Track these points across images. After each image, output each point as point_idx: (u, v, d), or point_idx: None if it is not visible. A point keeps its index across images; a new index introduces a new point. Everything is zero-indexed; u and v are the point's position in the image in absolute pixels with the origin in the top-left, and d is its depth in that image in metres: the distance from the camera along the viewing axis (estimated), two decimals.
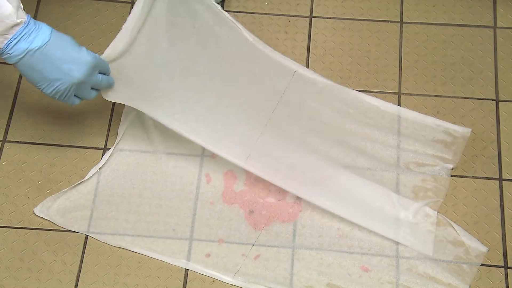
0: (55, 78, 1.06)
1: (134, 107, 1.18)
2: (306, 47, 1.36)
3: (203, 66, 1.25)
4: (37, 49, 1.03)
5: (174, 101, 1.21)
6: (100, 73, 1.11)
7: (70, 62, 1.06)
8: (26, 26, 1.02)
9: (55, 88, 1.07)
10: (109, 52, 1.13)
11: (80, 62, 1.06)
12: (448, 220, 1.20)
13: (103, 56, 1.12)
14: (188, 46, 1.24)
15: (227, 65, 1.27)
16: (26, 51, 1.02)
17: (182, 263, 1.18)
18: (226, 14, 1.26)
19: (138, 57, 1.17)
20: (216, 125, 1.23)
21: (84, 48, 1.08)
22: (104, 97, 1.15)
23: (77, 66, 1.06)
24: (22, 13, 1.02)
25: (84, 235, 1.20)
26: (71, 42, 1.07)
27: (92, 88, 1.12)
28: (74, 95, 1.11)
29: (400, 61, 1.34)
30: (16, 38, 1.02)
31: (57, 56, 1.05)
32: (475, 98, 1.31)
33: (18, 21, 1.01)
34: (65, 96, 1.09)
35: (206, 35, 1.26)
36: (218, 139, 1.22)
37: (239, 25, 1.28)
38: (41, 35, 1.03)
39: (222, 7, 1.39)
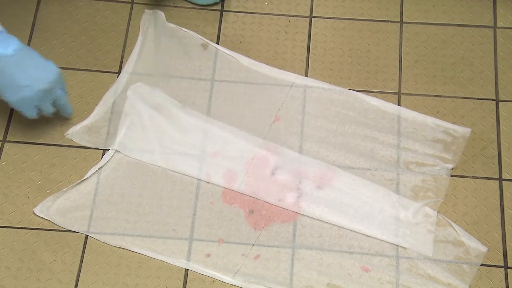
0: (25, 84, 1.12)
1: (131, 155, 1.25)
2: (306, 47, 1.36)
3: (198, 97, 1.29)
4: (11, 55, 1.09)
5: (172, 137, 1.26)
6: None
7: (40, 69, 1.13)
8: (1, 33, 1.08)
9: (22, 95, 1.13)
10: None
11: (49, 70, 1.14)
12: (448, 220, 1.20)
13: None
14: (182, 82, 1.30)
15: (221, 93, 1.30)
16: (4, 56, 1.08)
17: (182, 263, 1.18)
18: (217, 46, 1.33)
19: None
20: (212, 149, 1.25)
21: (49, 60, 1.16)
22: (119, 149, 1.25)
23: (47, 73, 1.14)
24: None
25: (84, 235, 1.20)
26: (38, 53, 1.14)
27: (52, 103, 1.18)
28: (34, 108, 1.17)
29: (400, 61, 1.34)
30: None
31: (28, 63, 1.12)
32: (475, 98, 1.31)
33: None
34: (29, 104, 1.14)
35: (198, 70, 1.31)
36: (216, 163, 1.24)
37: (229, 51, 1.33)
38: (13, 43, 1.10)
39: (222, 7, 1.39)
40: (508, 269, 1.17)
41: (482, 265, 1.17)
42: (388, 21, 1.38)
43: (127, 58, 1.33)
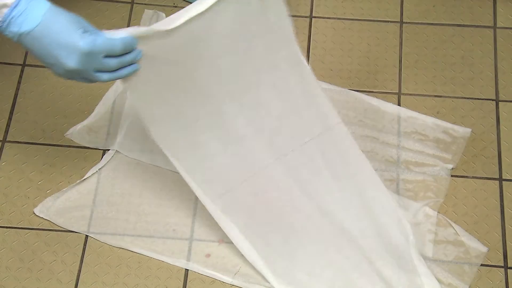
0: (51, 63, 0.96)
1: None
2: (306, 47, 1.36)
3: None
4: (27, 33, 0.94)
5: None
6: (111, 56, 0.97)
7: (60, 48, 0.94)
8: (14, 8, 0.93)
9: (54, 71, 0.98)
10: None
11: (70, 50, 0.94)
12: (448, 220, 1.20)
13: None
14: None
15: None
16: (18, 35, 0.94)
17: (182, 263, 1.18)
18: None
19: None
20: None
21: (79, 32, 0.94)
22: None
23: (67, 53, 0.94)
24: None
25: (84, 235, 1.20)
26: (66, 24, 0.95)
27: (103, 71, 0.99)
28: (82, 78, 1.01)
29: (400, 61, 1.34)
30: (5, 21, 0.93)
31: (47, 41, 0.94)
32: (475, 98, 1.31)
33: (7, 2, 0.92)
34: (70, 78, 0.99)
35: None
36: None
37: None
38: (30, 18, 0.93)
39: None
40: (508, 269, 1.17)
41: (482, 265, 1.17)
42: (388, 21, 1.38)
43: None
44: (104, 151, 1.27)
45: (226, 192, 1.16)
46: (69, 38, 0.94)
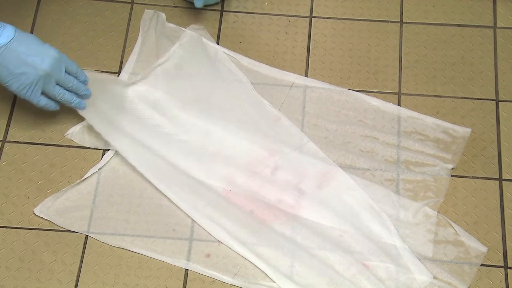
0: (21, 72, 1.12)
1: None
2: (306, 47, 1.36)
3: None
4: (2, 46, 1.10)
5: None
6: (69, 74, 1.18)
7: (34, 55, 1.13)
8: None
9: (21, 83, 1.13)
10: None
11: (44, 55, 1.14)
12: (448, 220, 1.20)
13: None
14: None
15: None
16: None
17: (182, 263, 1.18)
18: (217, 46, 1.34)
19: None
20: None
21: (47, 44, 1.16)
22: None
23: (41, 58, 1.13)
24: None
25: (84, 235, 1.20)
26: (35, 39, 1.15)
27: (59, 86, 1.18)
28: (41, 94, 1.17)
29: (400, 61, 1.35)
30: None
31: (21, 50, 1.12)
32: (475, 98, 1.31)
33: None
34: (32, 90, 1.15)
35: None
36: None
37: (229, 52, 1.33)
38: (5, 33, 1.11)
39: (222, 7, 1.39)
40: (508, 269, 1.17)
41: (482, 265, 1.17)
42: (388, 21, 1.38)
43: (127, 58, 1.34)
44: (104, 151, 1.27)
45: (206, 204, 1.20)
46: (42, 46, 1.15)
